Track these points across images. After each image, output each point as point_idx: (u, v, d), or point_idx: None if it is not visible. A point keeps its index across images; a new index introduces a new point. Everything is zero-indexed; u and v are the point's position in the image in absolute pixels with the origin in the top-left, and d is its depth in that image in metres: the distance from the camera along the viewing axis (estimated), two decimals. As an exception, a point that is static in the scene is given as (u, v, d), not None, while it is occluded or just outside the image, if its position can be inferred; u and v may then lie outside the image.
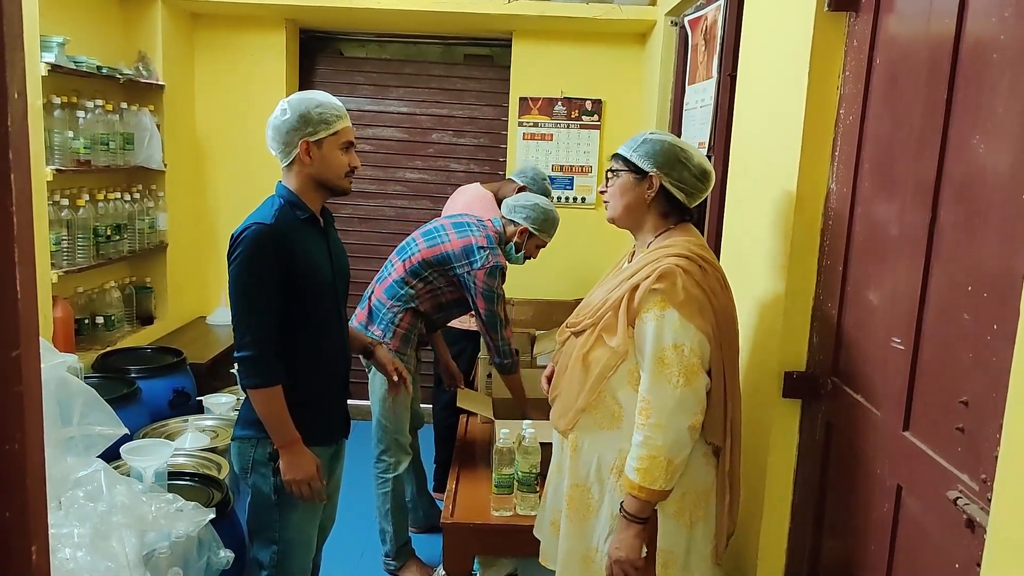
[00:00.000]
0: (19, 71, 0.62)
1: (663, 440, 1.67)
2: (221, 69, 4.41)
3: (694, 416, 1.70)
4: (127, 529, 1.64)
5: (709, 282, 1.73)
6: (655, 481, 1.68)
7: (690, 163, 1.81)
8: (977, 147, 1.27)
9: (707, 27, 3.00)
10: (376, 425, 3.00)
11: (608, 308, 1.77)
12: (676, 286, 1.68)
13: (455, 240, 2.93)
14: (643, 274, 1.72)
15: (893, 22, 1.62)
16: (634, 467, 1.70)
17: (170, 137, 4.04)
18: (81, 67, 3.29)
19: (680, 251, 1.73)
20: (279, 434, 1.99)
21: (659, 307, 1.69)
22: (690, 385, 1.68)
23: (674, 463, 1.69)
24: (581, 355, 1.81)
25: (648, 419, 1.69)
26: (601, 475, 1.82)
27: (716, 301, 1.73)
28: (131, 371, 3.14)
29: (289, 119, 2.00)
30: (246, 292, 1.96)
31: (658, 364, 1.69)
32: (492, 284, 2.88)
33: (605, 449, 1.81)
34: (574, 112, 4.46)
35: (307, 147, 2.01)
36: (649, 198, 1.82)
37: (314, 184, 2.06)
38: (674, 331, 1.68)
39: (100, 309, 3.59)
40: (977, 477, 1.21)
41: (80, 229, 3.32)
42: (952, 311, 1.33)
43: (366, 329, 2.95)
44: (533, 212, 3.03)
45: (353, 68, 4.73)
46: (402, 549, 3.06)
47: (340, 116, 2.05)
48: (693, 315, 1.68)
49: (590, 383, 1.79)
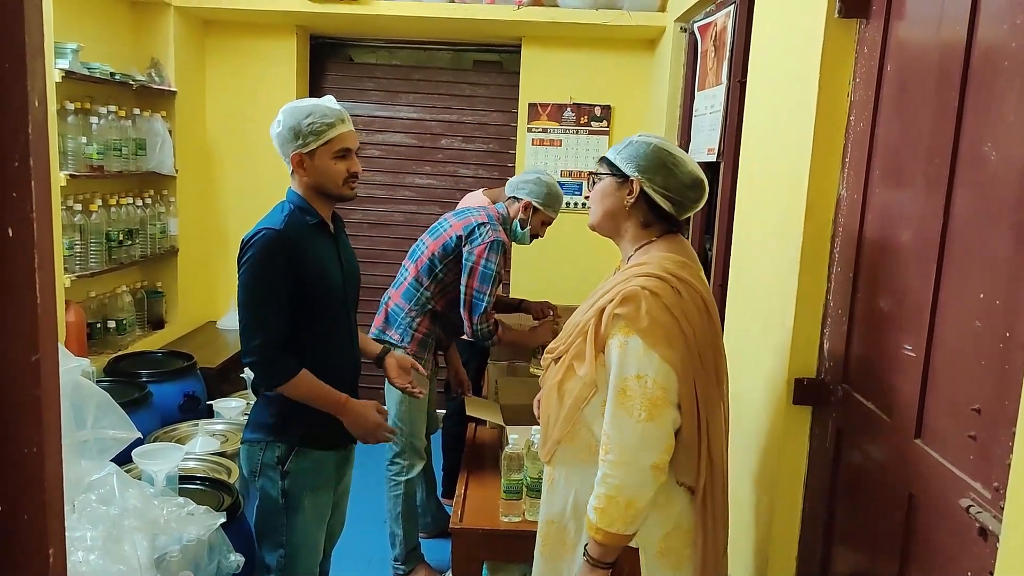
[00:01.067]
0: (40, 79, 0.63)
1: (622, 479, 1.52)
2: (232, 75, 4.44)
3: (658, 455, 1.53)
4: (139, 533, 1.64)
5: (683, 306, 1.55)
6: (612, 523, 1.53)
7: (678, 169, 1.65)
8: (989, 154, 1.27)
9: (717, 33, 3.00)
10: None
11: (578, 334, 1.64)
12: (640, 311, 1.52)
13: (456, 224, 2.97)
14: (608, 296, 1.58)
15: (904, 29, 1.62)
16: (593, 506, 1.56)
17: (181, 143, 4.06)
18: (94, 73, 3.32)
19: (652, 271, 1.57)
20: (327, 406, 2.03)
21: (623, 333, 1.54)
22: (653, 420, 1.52)
23: (635, 505, 1.53)
24: (556, 383, 1.67)
25: (607, 455, 1.55)
26: (578, 512, 1.68)
27: (689, 328, 1.55)
28: (142, 375, 3.15)
29: (281, 131, 2.01)
30: (255, 297, 1.96)
31: (620, 395, 1.54)
32: (492, 259, 2.86)
33: (581, 484, 1.66)
34: (583, 118, 4.47)
35: (300, 159, 2.01)
36: (628, 204, 1.67)
37: (315, 192, 2.07)
38: (637, 360, 1.52)
39: (112, 313, 3.61)
40: (990, 485, 1.21)
41: (93, 234, 3.35)
42: (964, 318, 1.32)
43: (383, 333, 2.96)
44: (536, 186, 3.02)
45: (363, 74, 4.75)
46: (411, 554, 3.06)
47: (332, 124, 2.00)
48: (658, 343, 1.52)
49: (564, 414, 1.65)
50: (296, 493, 2.06)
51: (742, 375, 2.28)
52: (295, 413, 2.05)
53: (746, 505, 2.20)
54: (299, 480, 2.06)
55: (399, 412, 2.95)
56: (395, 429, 2.22)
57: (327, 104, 2.04)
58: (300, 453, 2.06)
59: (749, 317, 2.20)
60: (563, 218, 4.57)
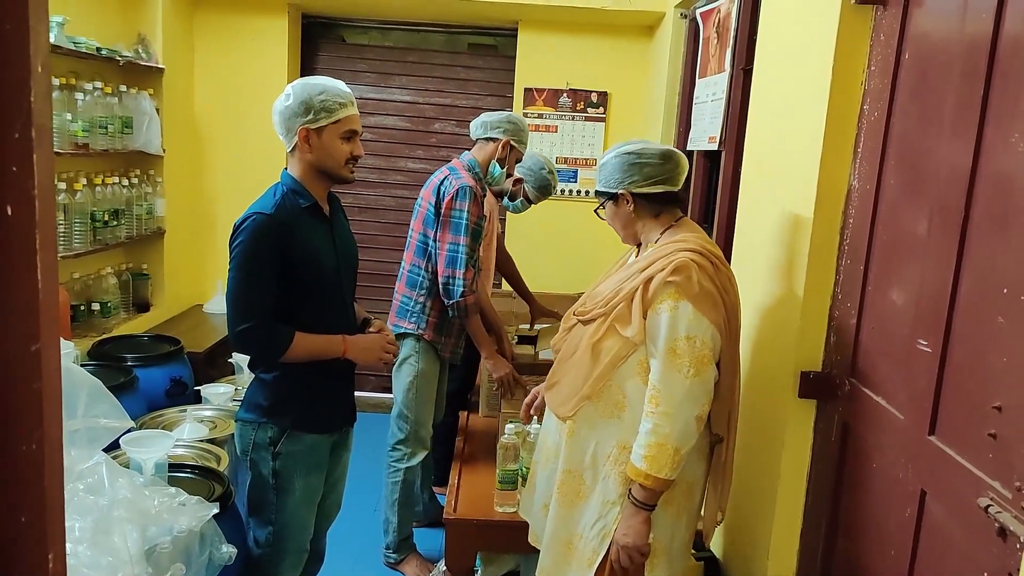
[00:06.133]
0: (44, 42, 0.57)
1: (671, 428, 1.69)
2: (222, 53, 4.34)
3: (701, 407, 1.72)
4: (129, 524, 1.59)
5: (720, 279, 1.75)
6: (661, 469, 1.69)
7: (645, 157, 1.82)
8: (1016, 145, 1.23)
9: (720, 20, 2.95)
10: (397, 415, 2.94)
11: (622, 298, 1.78)
12: (691, 279, 1.70)
13: (426, 194, 2.91)
14: (658, 266, 1.74)
15: (924, 16, 1.59)
16: (642, 455, 1.71)
17: (169, 122, 3.97)
18: (80, 48, 3.22)
19: (693, 246, 1.75)
20: (331, 352, 2.05)
21: (673, 299, 1.71)
22: (700, 376, 1.70)
23: (680, 452, 1.70)
24: (591, 343, 1.81)
25: (658, 407, 1.71)
26: (596, 463, 1.83)
27: (727, 298, 1.76)
28: (127, 359, 3.08)
29: (291, 104, 1.98)
30: (243, 281, 1.95)
31: (670, 354, 1.70)
32: (461, 207, 2.74)
33: (603, 438, 1.82)
34: (579, 104, 4.41)
35: (306, 134, 1.99)
36: (631, 211, 1.86)
37: (315, 172, 2.05)
38: (688, 323, 1.70)
39: (96, 295, 3.53)
40: (1011, 485, 1.18)
41: (77, 214, 3.26)
42: (985, 314, 1.29)
43: (397, 326, 2.90)
44: (510, 124, 2.93)
45: (355, 55, 4.66)
46: (404, 542, 3.02)
47: (344, 104, 2.02)
48: (706, 309, 1.71)
49: (599, 371, 1.80)
50: (287, 475, 2.07)
51: (746, 366, 2.25)
52: (289, 396, 2.06)
53: (748, 496, 2.18)
54: (290, 462, 2.07)
55: (406, 399, 2.90)
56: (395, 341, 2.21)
57: (339, 85, 2.05)
58: (292, 436, 2.07)
59: (754, 308, 2.17)
60: (563, 206, 4.56)
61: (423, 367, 2.89)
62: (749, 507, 2.17)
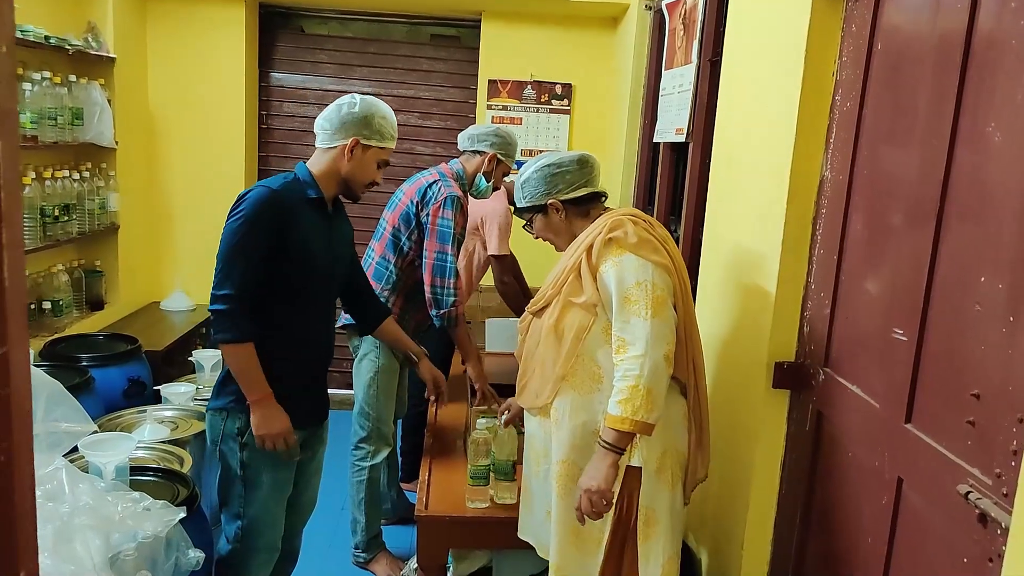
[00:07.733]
0: (9, 22, 0.52)
1: (639, 369, 1.71)
2: (176, 43, 4.21)
3: (667, 346, 1.75)
4: (91, 531, 1.52)
5: (656, 232, 1.84)
6: (637, 411, 1.70)
7: (563, 167, 1.91)
8: (993, 135, 1.24)
9: (687, 11, 2.95)
10: (358, 412, 2.90)
11: (568, 272, 1.84)
12: (627, 232, 1.78)
13: (409, 190, 2.87)
14: (595, 233, 1.82)
15: (896, 7, 1.59)
16: (615, 401, 1.73)
17: (121, 113, 3.83)
18: (28, 36, 3.09)
19: (624, 212, 1.86)
20: (251, 389, 2.00)
21: (616, 254, 1.78)
22: (659, 316, 1.74)
23: (653, 392, 1.72)
24: (551, 325, 1.85)
25: (623, 353, 1.75)
26: (587, 442, 1.83)
27: (668, 246, 1.84)
28: (82, 359, 2.97)
29: (356, 112, 2.10)
30: (235, 247, 1.96)
31: (625, 303, 1.76)
32: (447, 216, 2.73)
33: (589, 415, 1.84)
34: (544, 96, 4.39)
35: (355, 145, 2.09)
36: (563, 218, 1.94)
37: (337, 177, 2.13)
38: (634, 270, 1.76)
39: (47, 294, 3.40)
40: (990, 471, 1.19)
41: (26, 209, 3.13)
42: (962, 302, 1.30)
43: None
44: (497, 137, 2.92)
45: (315, 46, 4.57)
46: (372, 541, 2.98)
47: (394, 136, 2.18)
48: (647, 253, 1.77)
49: (566, 348, 1.83)
50: (255, 466, 2.08)
51: (718, 358, 2.26)
52: None
53: (722, 486, 2.18)
54: (258, 454, 2.06)
55: (367, 396, 2.86)
56: (297, 452, 2.14)
57: (394, 118, 2.20)
58: None
59: (725, 300, 2.17)
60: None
61: (383, 363, 2.84)
62: (723, 497, 2.18)
